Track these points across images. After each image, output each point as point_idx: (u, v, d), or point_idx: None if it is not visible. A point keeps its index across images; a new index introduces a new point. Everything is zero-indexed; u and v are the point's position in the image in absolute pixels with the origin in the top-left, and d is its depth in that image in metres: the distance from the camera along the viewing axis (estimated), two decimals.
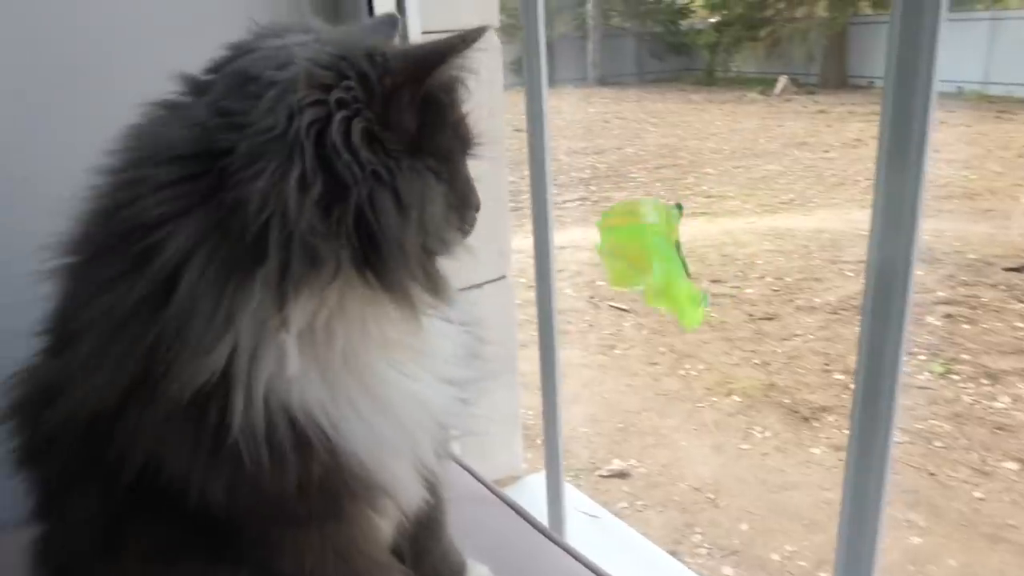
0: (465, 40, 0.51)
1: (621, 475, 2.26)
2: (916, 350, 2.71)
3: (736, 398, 2.61)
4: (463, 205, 0.57)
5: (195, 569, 0.59)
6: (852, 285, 3.14)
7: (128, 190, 0.49)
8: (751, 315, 3.07)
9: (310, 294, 0.48)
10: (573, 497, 1.02)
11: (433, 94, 0.51)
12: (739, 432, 2.46)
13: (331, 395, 0.51)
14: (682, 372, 2.78)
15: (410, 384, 0.56)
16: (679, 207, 0.79)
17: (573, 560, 0.83)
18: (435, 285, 0.53)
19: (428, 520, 0.68)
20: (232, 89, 0.49)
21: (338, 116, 0.47)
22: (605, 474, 2.25)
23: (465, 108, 0.56)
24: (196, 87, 0.52)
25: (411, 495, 0.61)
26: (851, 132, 5.19)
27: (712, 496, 2.17)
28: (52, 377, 0.56)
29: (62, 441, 0.55)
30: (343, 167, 0.46)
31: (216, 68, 0.53)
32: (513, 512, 0.90)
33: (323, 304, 0.50)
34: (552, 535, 0.87)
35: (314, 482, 0.52)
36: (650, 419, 2.54)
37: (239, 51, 0.53)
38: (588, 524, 0.99)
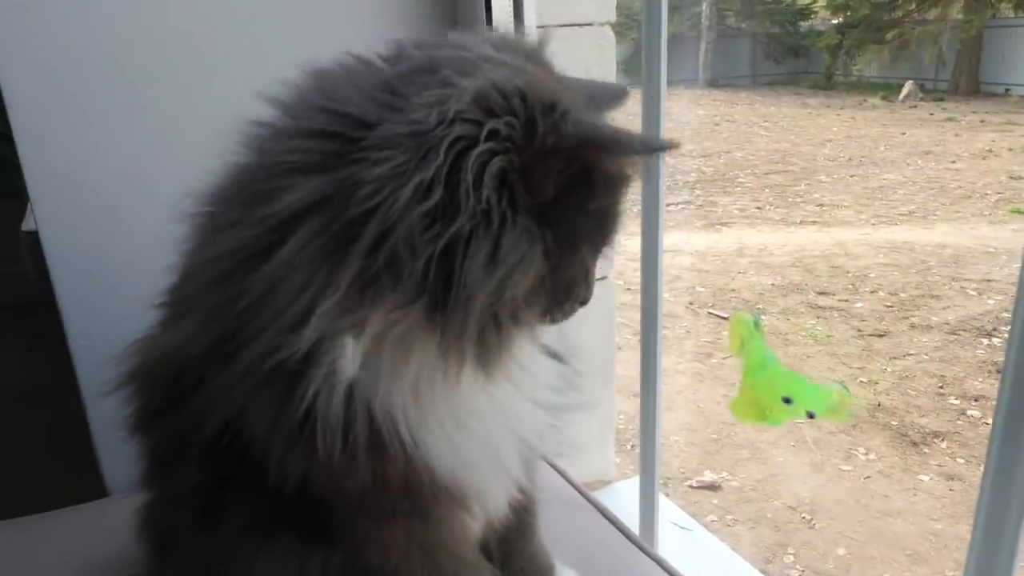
0: (651, 146, 0.49)
1: (712, 487, 2.21)
2: None
3: None
4: (564, 294, 0.53)
5: (290, 546, 0.60)
6: (974, 305, 2.95)
7: (275, 140, 0.49)
8: (860, 331, 2.94)
9: (384, 305, 0.46)
10: (663, 506, 1.01)
11: (589, 176, 0.48)
12: (841, 452, 2.36)
13: (414, 407, 0.50)
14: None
15: (495, 408, 0.54)
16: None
17: (662, 571, 0.81)
18: (486, 357, 0.49)
19: (519, 521, 0.68)
20: (411, 72, 0.48)
21: (484, 145, 0.44)
22: (695, 485, 2.20)
23: (621, 205, 0.52)
24: (393, 58, 0.51)
25: (498, 503, 0.61)
26: (981, 142, 4.86)
27: (808, 516, 2.09)
28: (166, 345, 0.59)
29: (169, 409, 0.59)
30: (463, 193, 0.44)
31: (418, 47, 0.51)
32: (603, 517, 0.89)
33: (396, 321, 0.47)
34: (642, 544, 0.86)
35: (392, 482, 0.51)
36: (745, 432, 2.47)
37: (446, 45, 0.52)
38: (678, 535, 0.98)
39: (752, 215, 4.31)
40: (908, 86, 7.52)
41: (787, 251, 3.70)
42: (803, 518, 2.08)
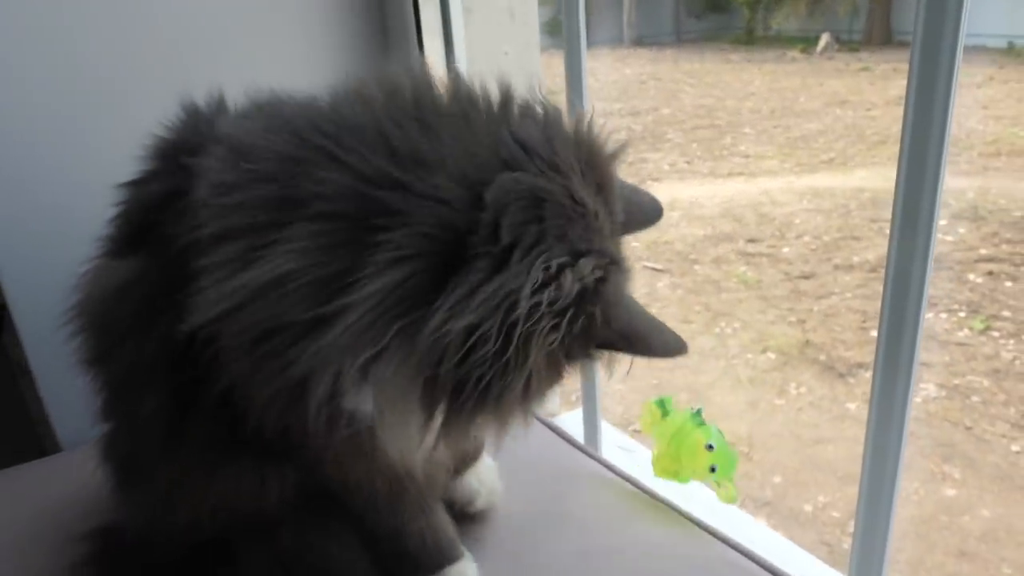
0: (669, 353, 0.53)
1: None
2: (956, 307, 2.69)
3: (771, 355, 2.63)
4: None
5: (247, 464, 0.65)
6: None
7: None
8: (788, 274, 3.07)
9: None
10: (606, 430, 1.08)
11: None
12: (774, 389, 2.48)
13: (401, 443, 0.55)
14: (717, 330, 2.80)
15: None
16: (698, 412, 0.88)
17: (607, 471, 0.91)
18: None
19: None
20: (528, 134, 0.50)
21: (550, 322, 0.48)
22: (639, 429, 2.30)
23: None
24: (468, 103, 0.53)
25: None
26: (895, 90, 5.06)
27: (745, 449, 2.20)
28: (122, 277, 0.62)
29: (131, 337, 0.61)
30: (518, 348, 0.47)
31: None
32: (548, 429, 0.98)
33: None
34: (587, 449, 0.96)
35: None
36: (684, 376, 2.57)
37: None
38: (622, 455, 1.04)
39: (681, 169, 4.41)
40: (825, 38, 7.72)
41: (716, 202, 3.80)
42: (741, 452, 2.19)
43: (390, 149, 0.49)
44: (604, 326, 0.50)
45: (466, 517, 0.80)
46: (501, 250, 0.47)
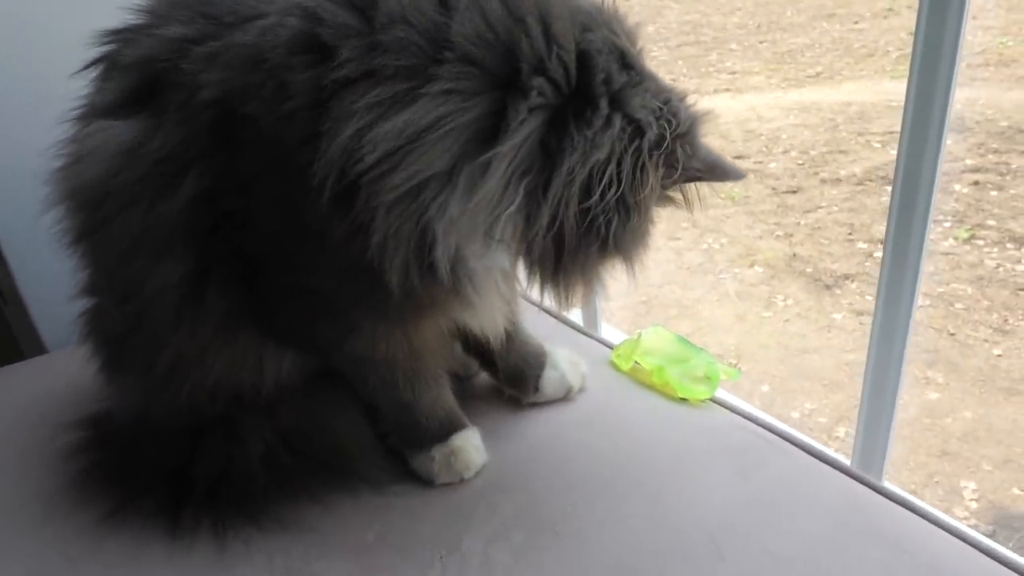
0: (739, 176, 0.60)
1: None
2: (941, 217, 2.70)
3: (759, 269, 2.63)
4: None
5: (250, 341, 0.66)
6: (879, 156, 3.09)
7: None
8: (775, 189, 3.05)
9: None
10: (604, 329, 1.08)
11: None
12: (762, 301, 2.49)
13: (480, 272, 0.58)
14: (704, 246, 2.79)
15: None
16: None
17: (607, 348, 0.93)
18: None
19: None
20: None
21: (660, 153, 0.53)
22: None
23: None
24: None
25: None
26: (882, 1, 4.96)
27: (734, 361, 2.22)
28: (126, 138, 0.60)
29: (143, 207, 0.59)
30: (634, 177, 0.53)
31: None
32: (551, 317, 1.00)
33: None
34: (588, 331, 0.98)
35: (429, 293, 0.57)
36: (672, 292, 2.58)
37: None
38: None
39: None
40: None
41: None
42: (729, 363, 2.21)
43: (507, 6, 0.51)
44: (694, 158, 0.56)
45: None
46: (611, 98, 0.51)
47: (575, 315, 1.03)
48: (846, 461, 0.70)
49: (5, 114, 0.97)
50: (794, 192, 2.99)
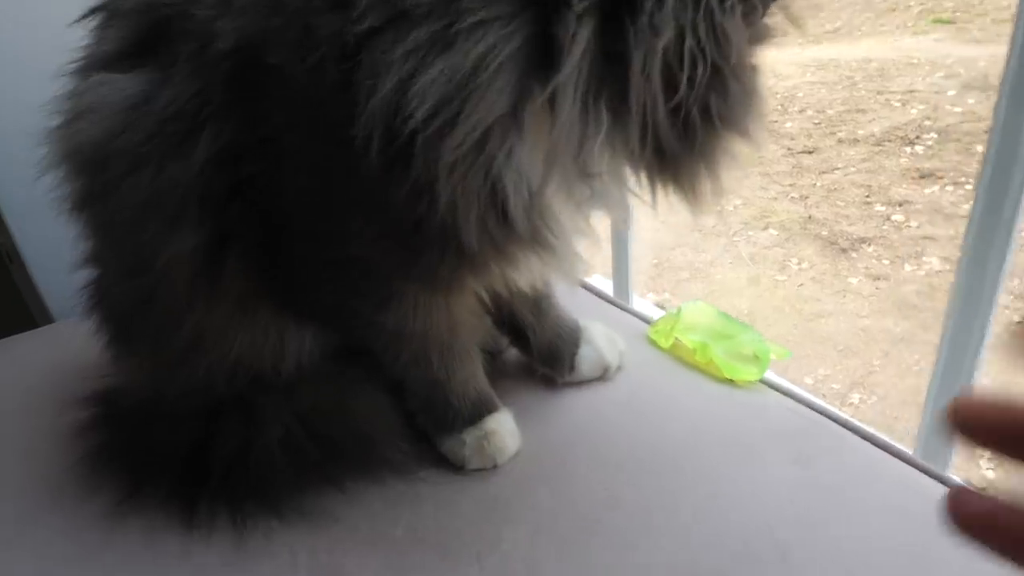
0: None
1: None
2: (962, 179, 2.63)
3: (773, 232, 2.58)
4: None
5: (270, 317, 0.61)
6: (898, 116, 3.01)
7: None
8: (790, 149, 2.98)
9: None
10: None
11: None
12: (776, 264, 2.44)
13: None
14: (718, 208, 2.73)
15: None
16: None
17: (637, 319, 0.89)
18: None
19: (545, 292, 0.73)
20: None
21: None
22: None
23: None
24: None
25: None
26: None
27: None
28: (132, 93, 0.54)
29: (152, 169, 0.53)
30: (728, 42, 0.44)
31: None
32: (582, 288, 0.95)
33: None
34: (618, 301, 0.93)
35: (496, 243, 0.50)
36: (684, 254, 2.53)
37: None
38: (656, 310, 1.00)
39: None
40: None
41: None
42: None
43: None
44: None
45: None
46: None
47: (602, 284, 0.98)
48: (908, 451, 0.65)
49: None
50: (810, 152, 2.92)
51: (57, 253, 0.68)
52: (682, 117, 0.45)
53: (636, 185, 0.52)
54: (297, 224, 0.55)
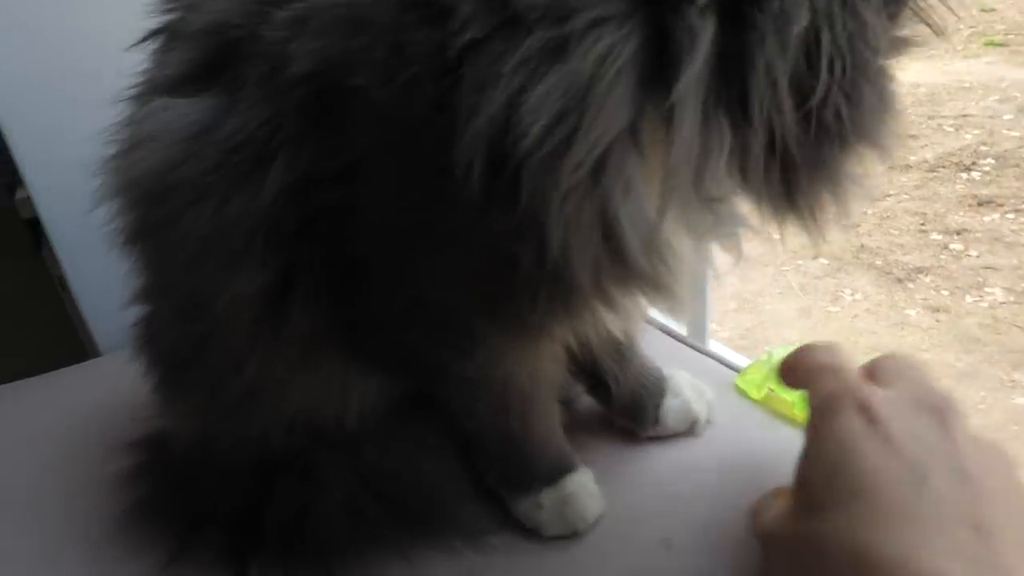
0: None
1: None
2: (1023, 207, 2.53)
3: (824, 261, 2.50)
4: None
5: (334, 365, 0.56)
6: (952, 141, 2.92)
7: None
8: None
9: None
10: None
11: None
12: (828, 295, 2.36)
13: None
14: (765, 235, 2.66)
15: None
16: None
17: (715, 362, 0.82)
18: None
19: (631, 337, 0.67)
20: None
21: None
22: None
23: None
24: None
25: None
26: None
27: None
28: (196, 121, 0.49)
29: (215, 202, 0.48)
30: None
31: None
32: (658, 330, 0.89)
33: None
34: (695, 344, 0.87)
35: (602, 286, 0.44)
36: (731, 284, 2.46)
37: None
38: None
39: None
40: None
41: None
42: None
43: None
44: None
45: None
46: None
47: (677, 324, 0.91)
48: None
49: (50, 94, 0.87)
50: None
51: (107, 285, 0.64)
52: (812, 128, 0.39)
53: (753, 210, 0.45)
54: (375, 263, 0.50)
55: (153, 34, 0.57)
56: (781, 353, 0.73)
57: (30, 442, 0.80)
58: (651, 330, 0.85)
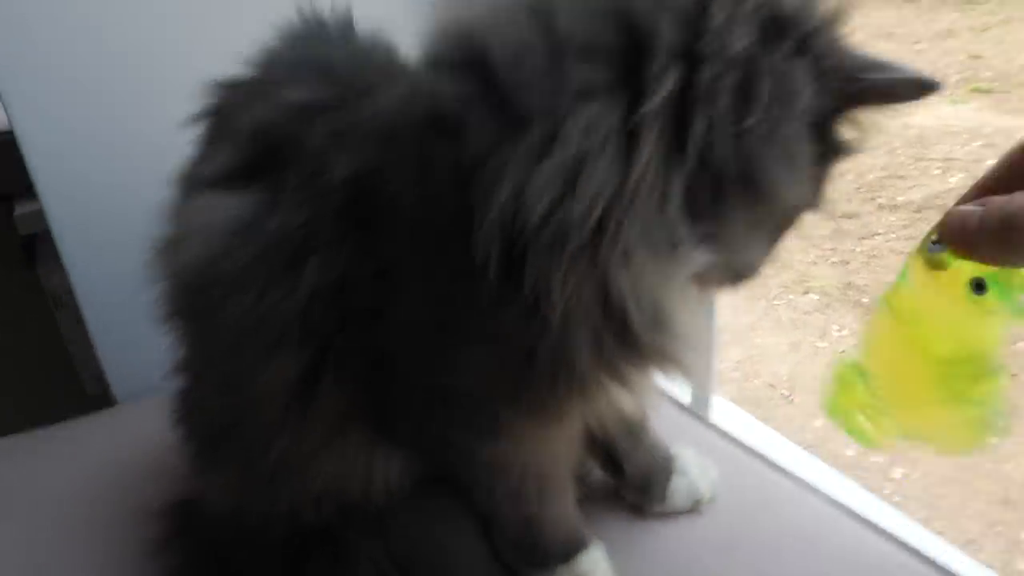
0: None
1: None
2: None
3: (813, 296, 2.55)
4: None
5: (360, 444, 0.59)
6: (937, 183, 2.99)
7: None
8: (830, 212, 2.96)
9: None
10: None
11: None
12: (816, 331, 2.41)
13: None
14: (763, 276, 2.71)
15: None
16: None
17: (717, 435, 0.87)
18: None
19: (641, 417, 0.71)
20: None
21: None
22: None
23: None
24: None
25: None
26: (942, 23, 4.80)
27: (786, 392, 2.16)
28: (239, 216, 0.53)
29: (254, 294, 0.52)
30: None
31: None
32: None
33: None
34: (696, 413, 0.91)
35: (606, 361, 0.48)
36: (723, 317, 2.49)
37: None
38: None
39: None
40: None
41: None
42: (782, 394, 2.14)
43: None
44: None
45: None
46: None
47: (678, 390, 0.95)
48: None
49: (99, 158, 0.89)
50: (850, 217, 2.90)
51: (125, 333, 0.66)
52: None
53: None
54: (403, 354, 0.53)
55: (202, 115, 0.60)
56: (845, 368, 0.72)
57: (50, 498, 0.79)
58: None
